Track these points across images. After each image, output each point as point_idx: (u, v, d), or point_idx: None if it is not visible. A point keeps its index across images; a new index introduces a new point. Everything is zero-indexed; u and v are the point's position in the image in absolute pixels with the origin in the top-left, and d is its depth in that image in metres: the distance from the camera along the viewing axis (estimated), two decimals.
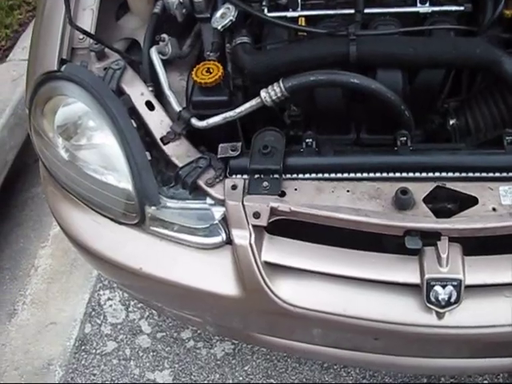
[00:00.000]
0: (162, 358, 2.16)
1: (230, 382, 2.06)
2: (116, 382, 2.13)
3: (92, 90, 1.41)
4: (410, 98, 1.43)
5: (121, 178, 1.40)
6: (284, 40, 1.50)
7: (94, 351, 2.21)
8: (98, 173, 1.43)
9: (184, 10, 1.60)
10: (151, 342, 2.20)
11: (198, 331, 2.17)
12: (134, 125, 1.43)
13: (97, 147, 1.45)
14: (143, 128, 1.46)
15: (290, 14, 1.53)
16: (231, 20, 1.51)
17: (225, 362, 2.11)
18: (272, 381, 2.04)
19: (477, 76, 1.59)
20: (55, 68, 1.53)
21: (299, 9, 1.53)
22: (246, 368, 2.09)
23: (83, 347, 2.22)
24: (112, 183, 1.41)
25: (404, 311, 1.28)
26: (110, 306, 2.31)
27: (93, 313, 2.30)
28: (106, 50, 1.55)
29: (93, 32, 1.56)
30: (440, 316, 1.26)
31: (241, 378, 2.06)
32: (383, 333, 1.33)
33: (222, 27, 1.52)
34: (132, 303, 2.30)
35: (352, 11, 1.49)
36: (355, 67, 1.39)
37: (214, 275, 1.37)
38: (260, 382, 2.04)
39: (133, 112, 1.46)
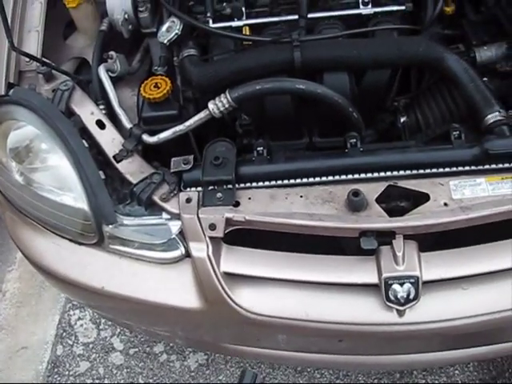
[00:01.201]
0: (136, 373, 2.15)
1: None
2: None
3: (41, 112, 1.40)
4: (359, 99, 1.44)
5: (76, 199, 1.40)
6: (230, 50, 1.51)
7: (67, 373, 2.19)
8: (53, 194, 1.42)
9: (130, 26, 1.60)
10: (124, 359, 2.19)
11: (171, 344, 2.16)
12: (86, 145, 1.43)
13: (50, 169, 1.45)
14: (95, 147, 1.45)
15: (234, 23, 1.53)
16: (177, 33, 1.51)
17: (199, 373, 2.11)
18: None
19: (425, 73, 1.61)
20: (3, 92, 1.52)
21: (244, 18, 1.54)
22: (220, 377, 2.09)
23: (56, 369, 2.20)
24: (68, 204, 1.41)
25: (365, 311, 1.29)
26: (81, 325, 2.30)
27: (64, 334, 2.28)
28: (54, 71, 1.54)
29: (39, 54, 1.56)
30: (400, 313, 1.28)
31: None
32: (346, 334, 1.34)
33: (168, 41, 1.52)
34: (103, 321, 2.28)
35: (296, 17, 1.50)
36: (302, 72, 1.40)
37: (176, 289, 1.37)
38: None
39: (84, 132, 1.46)
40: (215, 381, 2.08)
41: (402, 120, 1.55)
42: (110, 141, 1.45)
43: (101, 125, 1.47)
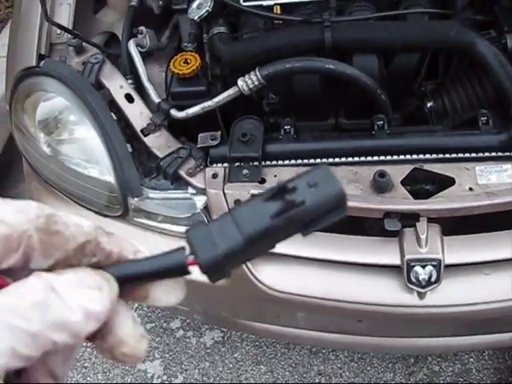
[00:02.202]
0: (153, 348, 2.17)
1: (220, 369, 2.08)
2: (108, 373, 2.15)
3: (71, 84, 1.42)
4: (387, 82, 1.44)
5: (103, 171, 1.41)
6: (260, 29, 1.51)
7: (84, 343, 2.20)
8: (80, 166, 1.44)
9: (161, 2, 1.61)
10: None
11: (187, 320, 2.19)
12: (114, 118, 1.44)
13: (78, 141, 1.46)
14: (123, 120, 1.47)
15: (265, 2, 1.53)
16: (207, 10, 1.51)
17: (214, 350, 2.13)
18: (262, 367, 2.07)
19: (453, 58, 1.61)
20: (34, 64, 1.53)
21: None
22: (235, 355, 2.11)
23: None
24: (94, 176, 1.43)
25: (386, 292, 1.30)
26: None
27: None
28: (84, 44, 1.55)
29: (70, 27, 1.57)
30: (421, 296, 1.29)
31: (231, 366, 2.08)
32: (366, 315, 1.35)
33: (199, 18, 1.52)
34: None
35: None
36: (331, 53, 1.40)
37: None
38: (250, 368, 2.06)
39: (112, 105, 1.47)
40: (230, 358, 2.10)
41: (429, 105, 1.55)
42: (138, 114, 1.46)
43: (129, 98, 1.48)
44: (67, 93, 1.42)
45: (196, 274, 1.31)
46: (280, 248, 1.27)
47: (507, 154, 1.30)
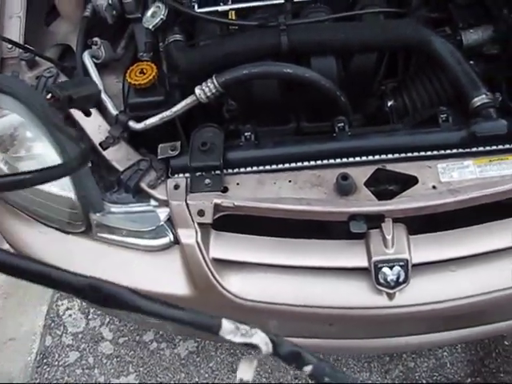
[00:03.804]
0: (126, 362, 2.14)
1: (196, 379, 2.06)
2: None
3: (25, 100, 1.38)
4: (346, 83, 1.43)
5: (63, 187, 1.38)
6: (217, 35, 1.49)
7: (56, 363, 2.18)
8: None
9: (114, 12, 1.58)
10: (114, 348, 2.18)
11: (160, 332, 2.16)
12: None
13: (36, 158, 1.43)
14: (81, 134, 1.43)
15: (220, 8, 1.52)
16: (162, 19, 1.49)
17: (189, 360, 2.11)
18: (235, 374, 2.04)
19: (412, 57, 1.61)
20: None
21: (230, 2, 1.53)
22: (210, 365, 2.09)
23: (45, 360, 2.18)
24: (54, 193, 1.39)
25: (355, 295, 1.29)
26: (70, 315, 2.28)
27: (52, 324, 2.27)
28: (37, 57, 1.52)
29: (21, 40, 1.53)
30: (391, 296, 1.28)
31: (206, 375, 2.06)
32: (337, 318, 1.34)
33: (154, 26, 1.50)
34: (91, 310, 2.27)
35: (282, 1, 1.49)
36: (289, 57, 1.39)
37: (165, 276, 1.36)
38: (225, 376, 2.04)
39: (69, 119, 1.44)
40: (206, 368, 2.08)
41: (390, 104, 1.55)
42: (95, 128, 1.43)
43: (86, 112, 1.45)
44: (22, 109, 1.38)
45: (169, 288, 1.27)
46: (246, 256, 1.27)
47: (468, 150, 1.31)
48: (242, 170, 1.32)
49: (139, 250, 1.38)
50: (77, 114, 1.44)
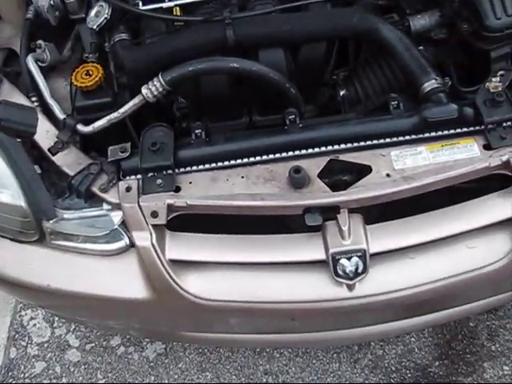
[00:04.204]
0: (94, 369, 2.11)
1: (166, 381, 2.04)
2: None
3: None
4: (296, 75, 1.42)
5: (13, 196, 1.34)
6: (162, 32, 1.46)
7: (22, 375, 2.13)
8: None
9: (57, 13, 1.54)
10: (81, 355, 2.14)
11: (127, 336, 2.13)
12: (18, 139, 1.37)
13: None
14: (29, 141, 1.40)
15: (165, 4, 1.48)
16: (106, 18, 1.46)
17: (158, 362, 2.08)
18: (207, 374, 2.03)
19: (362, 45, 1.60)
20: None
21: None
22: (179, 365, 2.07)
23: (10, 373, 2.13)
24: (4, 202, 1.35)
25: (315, 288, 1.29)
26: (34, 325, 2.23)
27: (16, 335, 2.22)
28: None
29: None
30: (350, 288, 1.28)
31: (176, 377, 2.04)
32: (298, 313, 1.33)
33: (98, 26, 1.47)
34: (56, 319, 2.22)
35: None
36: (236, 51, 1.37)
37: (123, 281, 1.34)
38: (195, 377, 2.03)
39: None
40: (175, 369, 2.06)
41: (342, 93, 1.54)
42: (44, 133, 1.40)
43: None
44: None
45: (128, 292, 1.25)
46: (203, 255, 1.25)
47: (420, 136, 1.30)
48: (194, 168, 1.30)
49: (95, 255, 1.36)
50: None
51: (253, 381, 1.99)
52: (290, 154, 1.30)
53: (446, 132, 1.31)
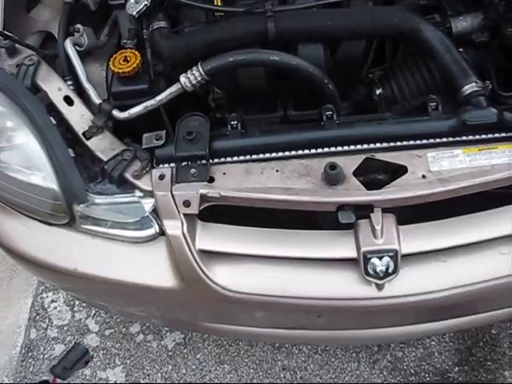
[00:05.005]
0: (113, 355, 2.12)
1: (184, 371, 2.04)
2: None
3: (5, 88, 1.35)
4: (334, 71, 1.41)
5: (45, 178, 1.35)
6: (202, 22, 1.46)
7: (41, 356, 2.15)
8: (21, 174, 1.37)
9: None
10: (100, 341, 2.16)
11: (147, 324, 2.14)
12: (54, 122, 1.38)
13: (17, 148, 1.39)
14: (64, 124, 1.40)
15: None
16: (146, 5, 1.45)
17: (176, 352, 2.09)
18: (225, 366, 2.03)
19: (400, 44, 1.59)
20: None
21: None
22: (198, 356, 2.07)
23: (30, 354, 2.16)
24: (37, 184, 1.36)
25: (344, 286, 1.28)
26: (55, 308, 2.25)
27: (37, 317, 2.24)
28: (18, 45, 1.48)
29: (1, 27, 1.49)
30: (379, 287, 1.27)
31: (194, 367, 2.05)
32: (325, 309, 1.33)
33: (138, 13, 1.46)
34: (77, 303, 2.24)
35: None
36: (276, 44, 1.36)
37: (150, 268, 1.34)
38: (213, 368, 2.03)
39: (51, 109, 1.41)
40: (193, 360, 2.07)
41: (378, 92, 1.54)
42: (78, 117, 1.40)
43: (69, 101, 1.42)
44: (1, 98, 1.35)
45: (155, 280, 1.26)
46: (233, 247, 1.24)
47: (458, 138, 1.29)
48: (229, 159, 1.30)
49: (124, 241, 1.36)
50: (60, 103, 1.41)
51: (270, 376, 1.99)
52: (326, 150, 1.29)
53: (484, 136, 1.29)
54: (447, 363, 1.98)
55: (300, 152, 1.29)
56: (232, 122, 1.33)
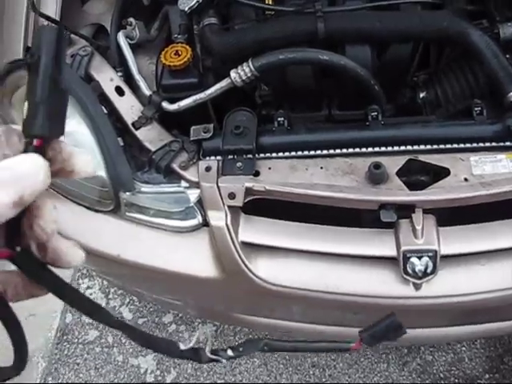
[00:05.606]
0: None
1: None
2: (100, 369, 2.13)
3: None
4: (380, 73, 1.43)
5: (94, 165, 1.39)
6: (252, 19, 1.49)
7: (76, 340, 2.20)
8: None
9: None
10: None
11: (180, 315, 2.18)
12: (105, 111, 1.42)
13: (69, 135, 1.41)
14: (114, 114, 1.44)
15: None
16: (198, 1, 1.49)
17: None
18: (255, 360, 2.06)
19: (445, 48, 1.60)
20: (21, 56, 1.50)
21: None
22: None
23: (65, 337, 2.21)
24: None
25: (382, 284, 1.30)
26: (90, 294, 2.31)
27: None
28: (73, 36, 1.53)
29: (57, 18, 1.54)
30: (417, 287, 1.28)
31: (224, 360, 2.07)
32: (363, 307, 1.34)
33: (189, 9, 1.50)
34: (112, 290, 2.29)
35: None
36: (324, 44, 1.39)
37: (193, 258, 1.37)
38: (243, 361, 2.05)
39: (103, 98, 1.45)
40: None
41: (422, 95, 1.54)
42: (128, 108, 1.44)
43: (120, 91, 1.46)
44: None
45: (197, 270, 1.28)
46: (275, 241, 1.27)
47: (501, 144, 1.30)
48: (274, 154, 1.32)
49: (168, 230, 1.39)
50: (111, 93, 1.45)
51: (300, 372, 2.01)
52: (370, 149, 1.31)
53: None
54: (477, 370, 1.98)
55: (344, 151, 1.31)
56: (279, 119, 1.36)
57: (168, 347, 0.76)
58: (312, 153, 1.32)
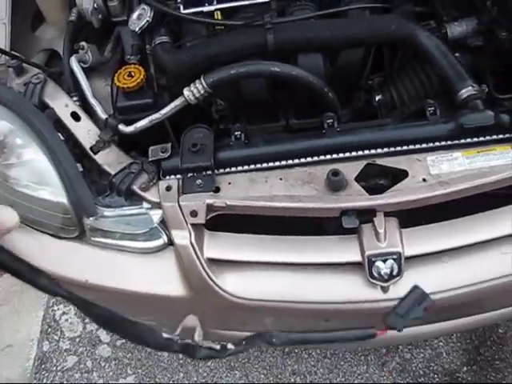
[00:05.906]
0: (125, 365, 2.15)
1: (195, 379, 2.07)
2: None
3: (14, 106, 1.38)
4: (334, 79, 1.44)
5: (55, 193, 1.38)
6: (203, 36, 1.49)
7: (54, 368, 2.18)
8: (30, 189, 1.40)
9: (100, 16, 1.58)
10: (112, 351, 2.19)
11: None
12: (62, 137, 1.41)
13: (27, 164, 1.43)
14: (71, 140, 1.44)
15: (206, 8, 1.51)
16: (148, 21, 1.49)
17: (187, 360, 2.12)
18: (236, 372, 2.06)
19: (398, 50, 1.62)
20: None
21: (215, 2, 1.52)
22: (209, 363, 2.10)
23: (43, 366, 2.19)
24: (46, 198, 1.39)
25: (350, 290, 1.30)
26: (66, 320, 2.29)
27: (49, 329, 2.27)
28: (25, 64, 1.52)
29: (8, 47, 1.53)
30: (385, 290, 1.29)
31: (205, 374, 2.07)
32: (333, 313, 1.35)
33: (140, 29, 1.50)
34: None
35: None
36: (275, 55, 1.40)
37: (160, 278, 1.37)
38: (224, 375, 2.05)
39: (59, 125, 1.44)
40: (204, 367, 2.10)
41: (377, 98, 1.56)
42: (85, 132, 1.44)
43: (76, 117, 1.45)
44: (10, 116, 1.38)
45: (165, 289, 1.28)
46: (240, 255, 1.27)
47: (456, 142, 1.32)
48: (234, 169, 1.33)
49: (134, 252, 1.39)
50: (67, 119, 1.45)
51: (281, 380, 2.02)
52: (328, 157, 1.32)
53: (482, 138, 1.32)
54: (455, 363, 2.00)
55: (303, 160, 1.32)
56: (236, 133, 1.37)
57: (151, 336, 0.73)
58: (271, 164, 1.32)
